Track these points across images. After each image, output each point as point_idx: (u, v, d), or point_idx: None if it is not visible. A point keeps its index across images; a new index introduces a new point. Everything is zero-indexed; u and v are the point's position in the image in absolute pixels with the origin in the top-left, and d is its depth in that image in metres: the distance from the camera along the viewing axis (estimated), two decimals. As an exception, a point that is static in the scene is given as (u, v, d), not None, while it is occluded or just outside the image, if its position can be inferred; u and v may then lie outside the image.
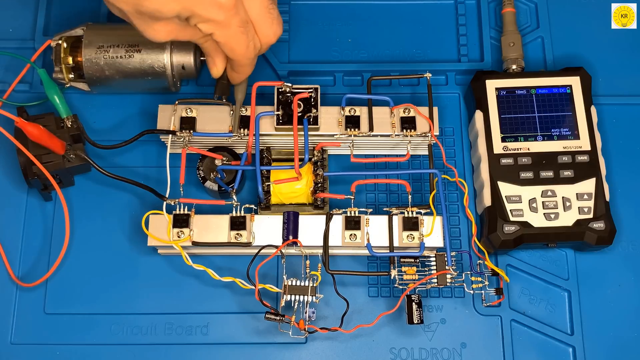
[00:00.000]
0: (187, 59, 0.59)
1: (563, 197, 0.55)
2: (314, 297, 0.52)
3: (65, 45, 0.58)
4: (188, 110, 0.57)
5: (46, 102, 0.59)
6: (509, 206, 0.55)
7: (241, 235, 0.54)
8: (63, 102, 0.57)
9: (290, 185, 0.56)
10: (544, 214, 0.55)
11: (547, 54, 0.64)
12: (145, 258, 0.57)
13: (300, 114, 0.56)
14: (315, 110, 0.56)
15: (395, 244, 0.54)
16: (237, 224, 0.54)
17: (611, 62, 0.64)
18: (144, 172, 0.60)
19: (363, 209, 0.55)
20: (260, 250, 0.53)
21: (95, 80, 0.59)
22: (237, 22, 0.48)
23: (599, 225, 0.55)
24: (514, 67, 0.61)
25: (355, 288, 0.57)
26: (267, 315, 0.52)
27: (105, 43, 0.58)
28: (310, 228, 0.54)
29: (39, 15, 0.65)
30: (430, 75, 0.58)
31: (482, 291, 0.55)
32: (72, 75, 0.60)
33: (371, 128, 0.57)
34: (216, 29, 0.48)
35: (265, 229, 0.54)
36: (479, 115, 0.59)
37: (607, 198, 0.56)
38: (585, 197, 0.55)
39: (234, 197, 0.55)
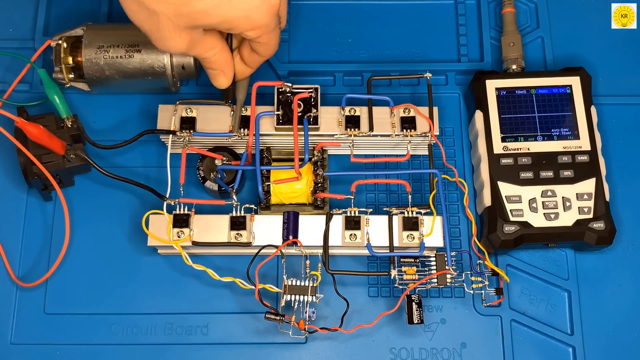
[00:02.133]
0: (187, 59, 0.59)
1: (563, 197, 0.55)
2: (314, 297, 0.52)
3: (65, 45, 0.58)
4: (188, 110, 0.57)
5: (46, 102, 0.59)
6: (509, 206, 0.55)
7: (241, 235, 0.54)
8: (63, 102, 0.57)
9: (290, 185, 0.56)
10: (544, 214, 0.55)
11: (547, 54, 0.64)
12: (145, 258, 0.57)
13: (300, 114, 0.56)
14: (315, 110, 0.56)
15: (395, 244, 0.54)
16: (237, 224, 0.54)
17: (611, 62, 0.64)
18: (144, 172, 0.60)
19: (363, 209, 0.55)
20: (260, 250, 0.53)
21: (95, 80, 0.59)
22: (278, 21, 0.49)
23: (599, 225, 0.55)
24: (514, 67, 0.61)
25: (355, 288, 0.57)
26: (267, 315, 0.52)
27: (105, 43, 0.58)
28: (310, 228, 0.54)
29: (39, 15, 0.65)
30: (430, 75, 0.58)
31: (482, 291, 0.55)
32: (72, 75, 0.59)
33: (371, 128, 0.57)
34: (265, 32, 0.48)
35: (265, 229, 0.54)
36: (479, 115, 0.59)
37: (607, 198, 0.56)
38: (585, 197, 0.55)
39: (234, 197, 0.55)
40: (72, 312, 0.56)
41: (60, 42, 0.58)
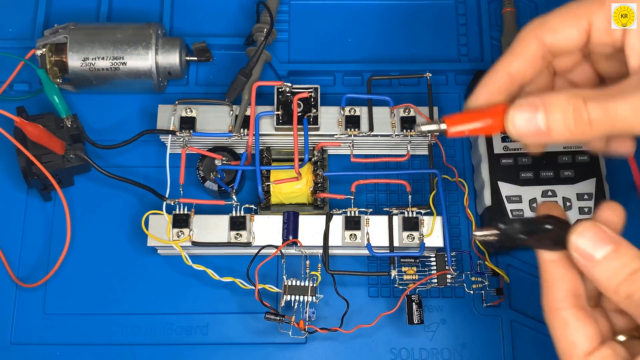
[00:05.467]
0: (172, 62, 0.60)
1: (563, 197, 0.55)
2: (314, 297, 0.52)
3: (50, 53, 0.58)
4: (188, 110, 0.57)
5: (45, 100, 0.59)
6: (509, 206, 0.55)
7: (241, 235, 0.54)
8: (63, 102, 0.57)
9: (290, 185, 0.56)
10: (544, 214, 0.55)
11: (547, 53, 0.64)
12: (145, 258, 0.57)
13: (300, 114, 0.56)
14: (315, 110, 0.56)
15: (395, 244, 0.54)
16: (237, 224, 0.54)
17: (611, 62, 0.64)
18: (144, 172, 0.60)
19: (363, 209, 0.55)
20: (260, 250, 0.53)
21: (83, 87, 0.60)
22: None
23: (599, 225, 0.55)
24: (514, 67, 0.61)
25: (355, 288, 0.57)
26: (267, 315, 0.52)
27: (89, 55, 0.58)
28: (310, 228, 0.54)
29: (39, 14, 0.65)
30: (430, 75, 0.58)
31: (482, 291, 0.55)
32: (60, 80, 0.60)
33: (371, 128, 0.57)
34: None
35: (265, 229, 0.54)
36: (479, 115, 0.58)
37: (607, 198, 0.56)
38: (586, 197, 0.55)
39: (234, 197, 0.55)
40: (71, 313, 0.56)
41: (44, 51, 0.58)
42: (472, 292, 0.56)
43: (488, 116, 0.37)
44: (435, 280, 0.53)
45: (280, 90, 0.56)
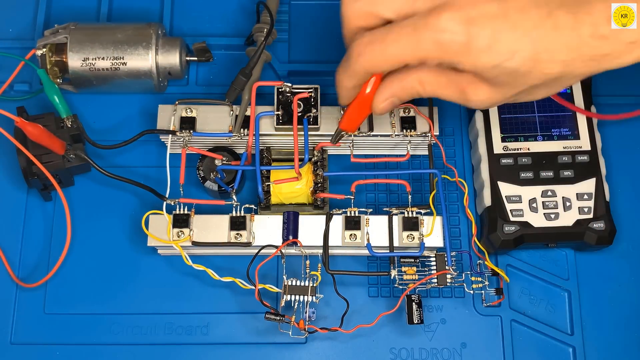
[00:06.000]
0: (172, 62, 0.60)
1: (563, 197, 0.55)
2: (314, 297, 0.52)
3: (50, 53, 0.58)
4: (188, 110, 0.57)
5: (45, 100, 0.59)
6: (509, 206, 0.55)
7: (241, 235, 0.54)
8: (63, 102, 0.57)
9: (290, 185, 0.56)
10: (544, 214, 0.55)
11: (547, 54, 0.64)
12: (145, 258, 0.57)
13: (300, 114, 0.56)
14: (315, 110, 0.56)
15: (395, 244, 0.54)
16: (237, 224, 0.54)
17: (611, 62, 0.64)
18: (144, 172, 0.60)
19: (363, 209, 0.55)
20: (260, 250, 0.53)
21: (83, 87, 0.60)
22: None
23: (599, 225, 0.55)
24: (514, 67, 0.60)
25: (355, 288, 0.57)
26: (267, 315, 0.52)
27: (90, 55, 0.58)
28: (310, 228, 0.54)
29: (39, 14, 0.65)
30: (430, 75, 0.58)
31: (482, 291, 0.55)
32: (60, 80, 0.60)
33: (371, 128, 0.57)
34: None
35: (265, 229, 0.54)
36: (479, 115, 0.59)
37: (607, 198, 0.56)
38: (585, 197, 0.55)
39: (234, 197, 0.55)
40: (72, 312, 0.56)
41: (45, 51, 0.58)
42: (472, 292, 0.56)
43: (364, 108, 0.48)
44: (435, 280, 0.53)
45: (280, 90, 0.56)
